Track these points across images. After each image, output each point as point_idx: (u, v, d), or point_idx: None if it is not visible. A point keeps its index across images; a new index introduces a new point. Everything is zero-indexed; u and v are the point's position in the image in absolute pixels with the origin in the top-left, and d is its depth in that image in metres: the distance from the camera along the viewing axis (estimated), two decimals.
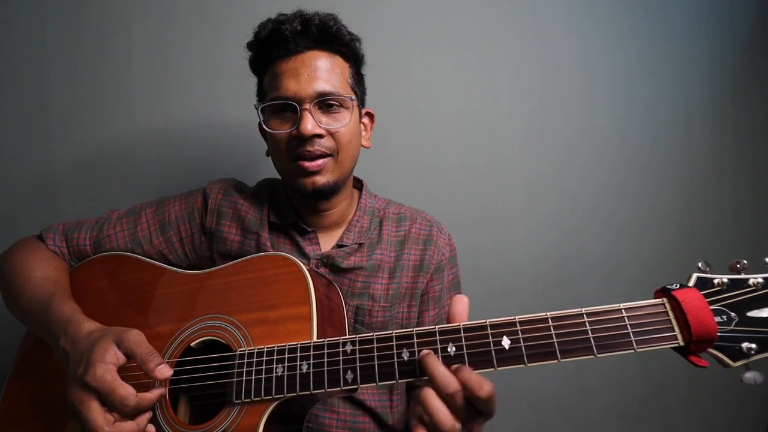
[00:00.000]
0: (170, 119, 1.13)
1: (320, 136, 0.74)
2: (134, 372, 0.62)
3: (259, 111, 0.78)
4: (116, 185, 1.12)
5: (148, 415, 0.60)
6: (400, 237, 0.86)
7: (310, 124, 0.73)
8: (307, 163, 0.75)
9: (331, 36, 0.76)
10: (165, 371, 0.59)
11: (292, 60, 0.75)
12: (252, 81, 0.83)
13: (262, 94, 0.82)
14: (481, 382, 0.50)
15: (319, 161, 0.75)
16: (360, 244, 0.83)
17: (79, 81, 1.10)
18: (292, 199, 0.84)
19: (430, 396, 0.51)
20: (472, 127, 1.21)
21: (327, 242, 0.84)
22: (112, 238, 0.84)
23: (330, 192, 0.78)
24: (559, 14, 1.21)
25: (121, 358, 0.61)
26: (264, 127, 0.78)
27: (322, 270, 0.81)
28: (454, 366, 0.52)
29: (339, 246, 0.83)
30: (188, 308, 0.71)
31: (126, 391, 0.57)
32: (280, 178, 0.92)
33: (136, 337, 0.61)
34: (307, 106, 0.73)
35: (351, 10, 0.80)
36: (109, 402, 0.57)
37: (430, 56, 1.18)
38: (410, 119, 1.19)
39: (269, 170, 0.98)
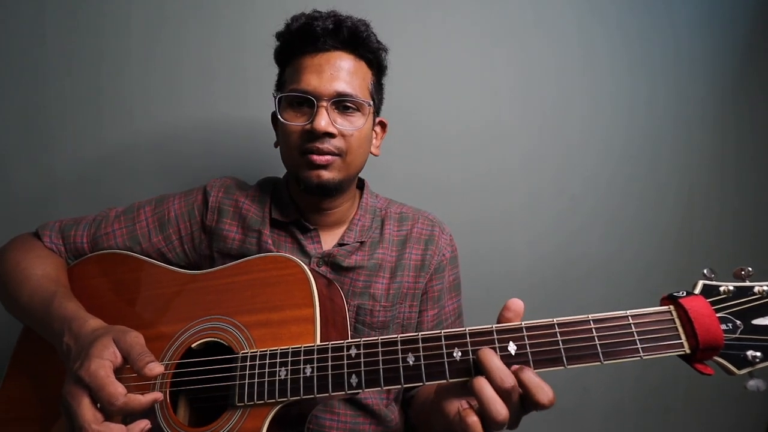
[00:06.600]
0: (169, 118, 1.12)
1: (332, 135, 0.74)
2: (137, 381, 0.62)
3: (276, 100, 0.77)
4: (116, 185, 1.11)
5: (143, 424, 0.57)
6: (401, 237, 0.86)
7: (324, 121, 0.73)
8: (315, 157, 0.75)
9: (360, 40, 0.77)
10: (154, 368, 0.58)
11: (318, 57, 0.75)
12: (253, 80, 0.82)
13: (281, 85, 0.82)
14: (542, 386, 0.49)
15: (328, 156, 0.75)
16: (361, 243, 0.83)
17: (78, 80, 1.08)
18: (296, 197, 0.84)
19: (484, 385, 0.50)
20: (472, 129, 1.21)
21: (328, 241, 0.84)
22: (110, 235, 0.83)
23: (334, 189, 0.78)
24: (561, 17, 1.20)
25: (119, 358, 0.59)
26: (279, 117, 0.77)
27: (323, 269, 0.80)
28: (515, 366, 0.51)
29: (340, 244, 0.82)
30: (189, 309, 0.70)
31: (115, 389, 0.55)
32: (281, 177, 0.91)
33: (133, 338, 0.60)
34: (324, 103, 0.73)
35: (352, 9, 0.79)
36: (98, 398, 0.56)
37: (430, 58, 1.17)
38: (410, 122, 1.18)
39: (268, 169, 0.97)
